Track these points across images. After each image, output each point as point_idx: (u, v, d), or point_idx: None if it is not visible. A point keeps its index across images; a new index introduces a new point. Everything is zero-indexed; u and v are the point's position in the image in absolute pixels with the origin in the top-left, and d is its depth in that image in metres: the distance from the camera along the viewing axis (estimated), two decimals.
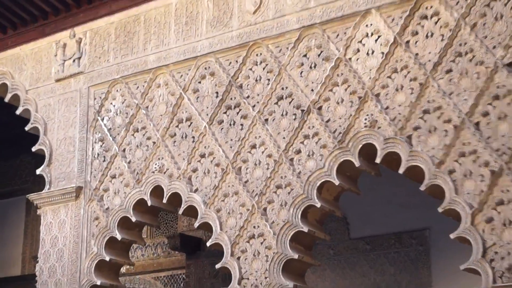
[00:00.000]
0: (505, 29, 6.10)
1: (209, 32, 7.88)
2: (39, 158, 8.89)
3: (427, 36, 6.55)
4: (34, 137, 8.98)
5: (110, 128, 8.30)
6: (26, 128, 9.20)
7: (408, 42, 6.58)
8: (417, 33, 6.59)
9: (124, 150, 8.12)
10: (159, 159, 7.92)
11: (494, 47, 6.09)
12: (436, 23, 6.48)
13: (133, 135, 8.15)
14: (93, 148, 8.46)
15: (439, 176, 6.09)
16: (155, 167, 7.91)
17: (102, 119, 8.41)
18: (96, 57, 8.68)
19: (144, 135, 8.08)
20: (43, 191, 8.78)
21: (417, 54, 6.49)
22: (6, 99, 9.54)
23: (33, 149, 9.05)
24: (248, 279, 6.99)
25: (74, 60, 8.88)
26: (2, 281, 13.03)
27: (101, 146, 8.37)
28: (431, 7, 6.50)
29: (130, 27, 8.53)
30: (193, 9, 8.08)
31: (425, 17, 6.55)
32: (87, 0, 8.75)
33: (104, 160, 8.30)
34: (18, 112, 9.33)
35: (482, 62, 6.10)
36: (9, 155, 11.50)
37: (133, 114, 8.19)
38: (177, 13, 8.20)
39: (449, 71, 6.30)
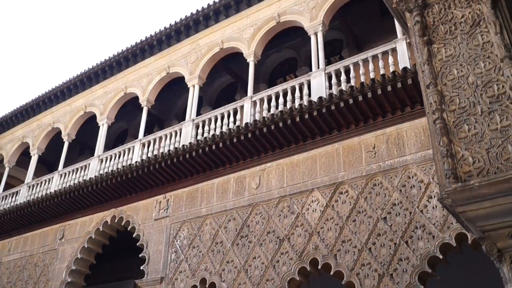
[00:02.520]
0: (381, 199, 6.06)
1: (233, 197, 8.08)
2: (142, 260, 8.54)
3: (343, 203, 6.68)
4: (140, 249, 8.67)
5: (180, 246, 8.26)
6: (137, 244, 9.02)
7: (333, 205, 6.70)
8: (337, 201, 6.80)
9: (187, 258, 8.07)
10: (204, 263, 7.67)
11: (376, 208, 6.07)
12: (347, 195, 6.57)
13: (192, 250, 8.09)
14: (170, 256, 8.28)
15: (352, 277, 5.80)
16: (202, 268, 7.64)
17: (176, 241, 8.30)
18: (175, 208, 8.86)
19: (197, 250, 7.95)
20: (143, 279, 8.69)
21: (338, 211, 6.53)
22: (129, 228, 9.51)
23: (140, 255, 9.01)
24: None
25: (164, 210, 8.80)
26: None
27: (175, 255, 8.26)
28: (344, 188, 6.70)
29: (193, 194, 8.84)
30: (226, 186, 8.28)
31: (341, 193, 6.85)
32: (172, 179, 8.75)
33: (176, 263, 8.16)
34: (134, 235, 9.12)
35: (370, 216, 6.06)
36: (126, 257, 11.02)
37: (193, 239, 8.25)
38: (217, 187, 8.39)
39: (353, 220, 6.28)
